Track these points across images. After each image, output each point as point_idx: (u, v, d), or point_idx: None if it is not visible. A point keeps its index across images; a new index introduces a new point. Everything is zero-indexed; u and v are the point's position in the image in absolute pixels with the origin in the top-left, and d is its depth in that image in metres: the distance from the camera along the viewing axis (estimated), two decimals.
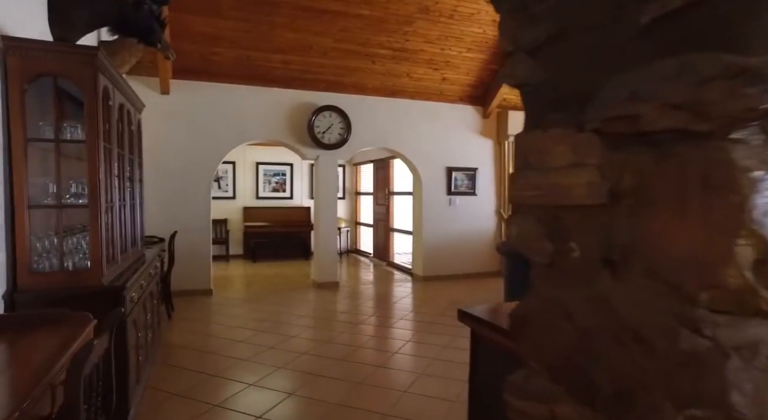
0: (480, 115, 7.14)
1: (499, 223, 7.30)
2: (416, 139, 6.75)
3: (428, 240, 6.87)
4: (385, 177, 8.52)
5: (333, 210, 6.36)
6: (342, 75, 6.09)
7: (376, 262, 8.63)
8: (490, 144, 7.24)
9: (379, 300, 5.76)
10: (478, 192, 7.15)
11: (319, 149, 6.16)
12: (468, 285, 6.54)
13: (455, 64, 6.31)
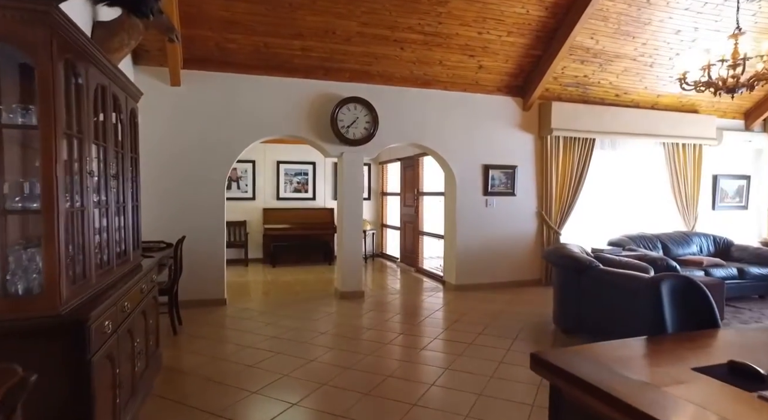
0: (520, 107, 6.45)
1: (541, 226, 6.60)
2: (450, 133, 6.13)
3: (462, 245, 6.24)
4: (413, 176, 7.91)
5: (358, 212, 5.79)
6: (368, 63, 5.52)
7: (404, 268, 8.03)
8: (531, 139, 6.55)
9: (408, 313, 5.16)
10: (517, 192, 6.47)
11: (343, 145, 5.60)
12: (507, 295, 5.87)
13: (493, 50, 5.66)
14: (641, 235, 6.28)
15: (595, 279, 4.01)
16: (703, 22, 6.05)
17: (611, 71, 6.37)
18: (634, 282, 3.82)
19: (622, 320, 3.91)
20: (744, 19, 6.12)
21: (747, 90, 4.05)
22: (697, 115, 7.28)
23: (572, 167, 6.56)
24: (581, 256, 4.19)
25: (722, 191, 7.90)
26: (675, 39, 6.16)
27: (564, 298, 4.32)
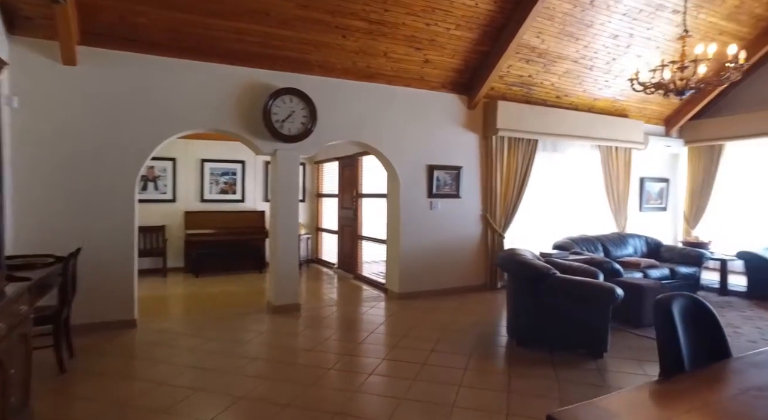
0: (465, 106, 6.21)
1: (486, 229, 6.40)
2: (393, 131, 5.73)
3: (406, 250, 5.87)
4: (352, 176, 7.44)
5: (294, 215, 5.22)
6: (306, 51, 4.97)
7: (342, 275, 7.53)
8: (476, 139, 6.33)
9: (350, 329, 4.67)
10: (462, 194, 6.22)
11: (276, 142, 5.00)
12: (454, 303, 5.59)
13: (440, 44, 5.34)
14: (583, 237, 6.29)
15: (553, 288, 3.78)
16: (637, 28, 6.16)
17: (554, 72, 6.32)
18: (594, 290, 3.63)
19: (581, 331, 3.71)
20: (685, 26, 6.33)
21: (695, 92, 4.03)
22: (628, 120, 7.49)
23: (516, 169, 6.43)
24: (539, 263, 3.96)
25: (647, 193, 8.24)
26: (612, 43, 6.23)
27: (519, 307, 4.07)
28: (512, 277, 4.24)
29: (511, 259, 4.23)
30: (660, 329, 1.64)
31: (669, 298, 1.70)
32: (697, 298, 1.78)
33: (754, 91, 7.44)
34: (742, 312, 5.29)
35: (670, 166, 8.55)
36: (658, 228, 8.36)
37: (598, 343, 3.65)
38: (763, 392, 1.38)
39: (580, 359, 3.65)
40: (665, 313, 1.62)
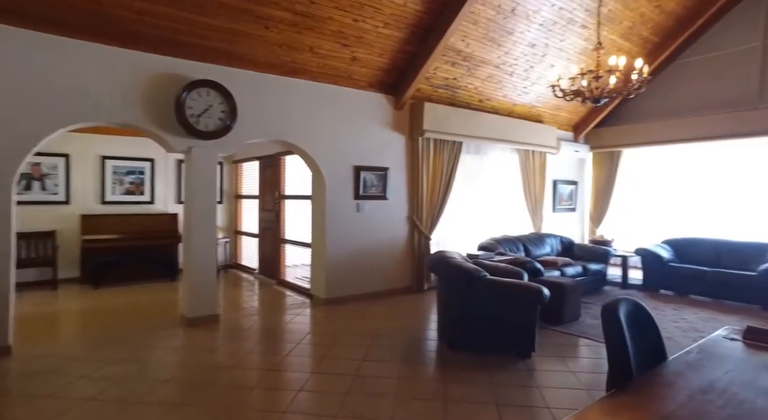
0: (392, 106, 6.13)
1: (412, 231, 6.38)
2: (319, 130, 5.49)
3: (332, 253, 5.65)
4: (274, 177, 7.06)
5: (211, 218, 4.78)
6: (226, 41, 4.57)
7: (263, 281, 7.12)
8: (402, 140, 6.29)
9: (274, 341, 4.35)
10: (389, 195, 6.13)
11: (191, 138, 4.55)
12: (381, 308, 5.48)
13: (368, 41, 5.20)
14: (505, 237, 6.49)
15: (483, 290, 3.79)
16: (552, 39, 6.49)
17: (477, 76, 6.46)
18: (523, 292, 3.69)
19: (510, 332, 3.75)
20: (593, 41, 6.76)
21: (608, 100, 4.27)
22: (543, 125, 7.90)
23: (442, 170, 6.48)
24: (469, 266, 3.95)
25: (560, 195, 8.77)
26: (530, 52, 6.50)
27: (449, 310, 4.04)
28: (443, 279, 4.20)
29: (441, 261, 4.19)
30: (610, 338, 1.62)
31: (615, 304, 1.68)
32: (638, 302, 1.79)
33: (645, 104, 8.20)
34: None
35: (577, 170, 9.18)
36: (569, 227, 8.95)
37: (526, 343, 3.72)
38: (707, 396, 1.39)
39: (510, 360, 3.69)
40: (615, 321, 1.59)
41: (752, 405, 1.32)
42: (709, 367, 1.63)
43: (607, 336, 1.64)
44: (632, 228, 8.74)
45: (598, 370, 3.52)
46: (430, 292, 6.34)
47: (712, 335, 2.02)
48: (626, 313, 1.68)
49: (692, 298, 6.12)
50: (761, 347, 1.88)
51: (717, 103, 7.42)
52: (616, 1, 6.32)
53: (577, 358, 3.81)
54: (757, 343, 1.92)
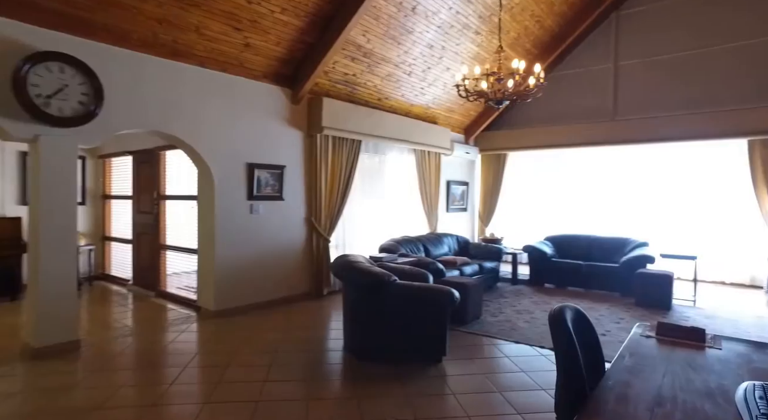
0: (289, 100, 5.71)
1: (310, 233, 6.02)
2: (207, 123, 4.88)
3: (223, 260, 5.07)
4: (152, 175, 6.17)
5: (69, 223, 3.92)
6: (88, 7, 3.77)
7: (139, 293, 6.19)
8: (300, 137, 5.90)
9: (155, 367, 3.68)
10: (285, 196, 5.71)
11: (39, 124, 3.67)
12: (279, 317, 5.05)
13: (264, 27, 4.74)
14: (406, 238, 6.45)
15: (393, 295, 3.62)
16: (449, 42, 6.62)
17: (377, 74, 6.32)
18: (434, 295, 3.58)
19: (421, 338, 3.63)
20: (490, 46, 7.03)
21: (509, 103, 4.39)
22: (438, 127, 8.08)
23: (341, 169, 6.23)
24: (378, 270, 3.75)
25: (452, 195, 9.07)
26: (428, 52, 6.55)
27: (357, 319, 3.80)
28: (349, 285, 3.95)
29: (347, 266, 3.93)
30: (562, 348, 1.50)
31: (562, 312, 1.57)
32: (578, 309, 1.71)
33: (527, 111, 8.85)
34: (530, 298, 6.11)
35: (468, 171, 9.59)
36: (461, 227, 9.31)
37: (437, 348, 3.63)
38: (663, 408, 1.33)
39: (422, 367, 3.57)
40: (565, 330, 1.48)
41: (704, 412, 1.28)
42: (647, 371, 1.60)
43: (558, 346, 1.53)
44: (519, 226, 9.38)
45: (509, 369, 3.56)
46: (330, 297, 6.04)
47: (631, 335, 2.05)
48: (572, 321, 1.58)
49: (570, 289, 6.69)
50: (673, 343, 1.94)
51: (584, 114, 8.25)
52: (505, 12, 6.64)
53: (486, 358, 3.83)
54: (668, 339, 1.99)
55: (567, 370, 1.48)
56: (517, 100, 4.46)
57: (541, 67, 4.42)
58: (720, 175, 7.38)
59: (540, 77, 4.26)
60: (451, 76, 7.37)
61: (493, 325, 4.74)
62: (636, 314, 5.25)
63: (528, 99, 4.45)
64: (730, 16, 6.92)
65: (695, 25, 7.19)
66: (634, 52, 7.75)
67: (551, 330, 1.55)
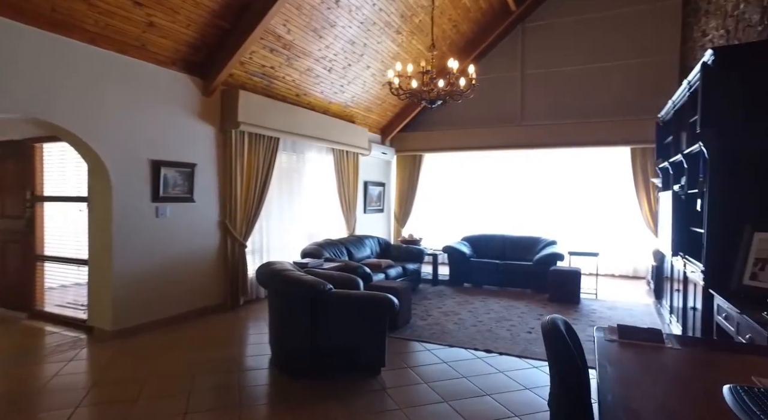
0: (200, 92, 5.13)
1: (224, 238, 5.48)
2: (102, 112, 4.17)
3: (123, 270, 4.38)
4: (24, 171, 5.16)
5: None
6: None
7: (6, 316, 5.15)
8: (212, 132, 5.33)
9: (28, 412, 2.99)
10: (196, 197, 5.12)
11: None
12: (192, 333, 4.50)
13: (172, 6, 4.16)
14: (328, 241, 6.17)
15: (329, 305, 3.35)
16: (370, 40, 6.47)
17: (296, 68, 5.96)
18: (373, 304, 3.38)
19: (359, 349, 3.41)
20: (416, 47, 6.97)
21: (441, 103, 4.34)
22: (357, 126, 7.90)
23: (258, 169, 5.76)
24: (311, 279, 3.44)
25: (370, 196, 8.95)
26: (350, 49, 6.34)
27: (289, 333, 3.47)
28: (279, 296, 3.60)
29: (275, 275, 3.57)
30: (561, 362, 1.38)
31: (555, 325, 1.46)
32: (565, 320, 1.62)
33: (441, 114, 9.00)
34: (453, 298, 6.19)
35: (385, 172, 9.55)
36: (378, 228, 9.23)
37: (376, 359, 3.43)
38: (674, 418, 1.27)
39: (362, 380, 3.35)
40: (564, 344, 1.36)
41: None
42: (641, 381, 1.56)
43: (556, 357, 1.41)
44: (435, 227, 9.55)
45: (450, 376, 3.48)
46: (248, 306, 5.56)
47: (596, 340, 2.04)
48: (565, 331, 1.48)
49: (486, 288, 6.90)
50: (636, 345, 1.95)
51: (495, 118, 8.62)
52: (426, 14, 6.66)
53: (424, 366, 3.71)
54: (631, 341, 2.00)
55: (565, 381, 1.38)
56: (449, 101, 4.44)
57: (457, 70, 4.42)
58: (611, 180, 8.16)
59: (472, 78, 4.27)
60: (371, 75, 7.23)
61: (424, 329, 4.67)
62: (552, 309, 5.55)
63: (459, 99, 4.44)
64: (611, 38, 7.68)
65: (585, 44, 7.87)
66: (539, 63, 8.27)
67: (547, 340, 1.44)
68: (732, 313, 2.70)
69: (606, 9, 7.72)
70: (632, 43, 7.59)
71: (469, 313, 5.37)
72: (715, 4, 5.61)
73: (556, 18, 8.05)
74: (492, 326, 4.80)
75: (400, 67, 4.38)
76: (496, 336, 4.45)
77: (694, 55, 6.55)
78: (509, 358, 3.86)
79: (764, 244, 2.94)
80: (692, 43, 6.76)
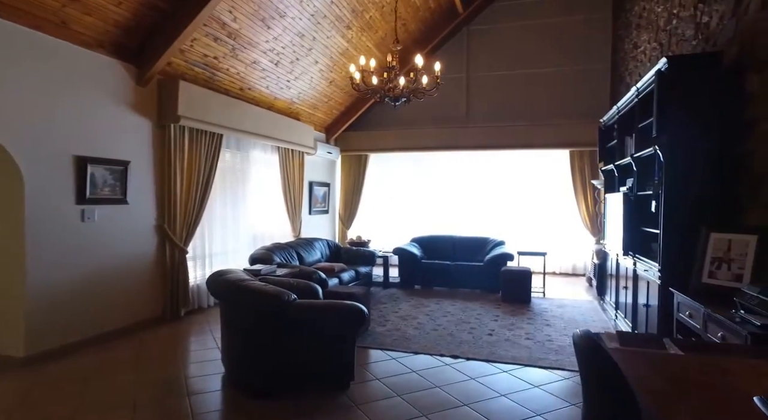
0: (133, 80, 4.58)
1: (162, 243, 4.96)
2: (9, 98, 3.55)
3: (41, 284, 3.78)
4: None
5: None
6: None
7: None
8: (148, 126, 4.79)
9: None
10: (130, 198, 4.57)
11: None
12: (129, 352, 3.98)
13: None
14: (277, 245, 5.81)
15: (294, 318, 3.06)
16: (320, 34, 6.20)
17: (242, 60, 5.54)
18: (343, 314, 3.15)
19: (326, 363, 3.16)
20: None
21: (406, 101, 4.18)
22: (303, 124, 7.56)
23: (200, 167, 5.28)
24: (273, 289, 3.13)
25: (315, 197, 8.63)
26: (299, 42, 6.03)
27: (248, 349, 3.14)
28: (235, 308, 3.25)
29: (231, 285, 3.22)
30: (607, 381, 1.25)
31: (596, 345, 1.33)
32: (595, 333, 1.50)
33: (386, 114, 8.92)
34: (408, 302, 6.07)
35: (329, 172, 9.26)
36: (323, 229, 8.93)
37: (344, 373, 3.20)
38: None
39: (330, 396, 3.09)
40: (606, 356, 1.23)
41: None
42: (670, 393, 1.47)
43: (605, 384, 1.28)
44: (381, 228, 9.40)
45: (422, 386, 3.32)
46: (190, 318, 5.07)
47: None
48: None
49: (437, 290, 6.85)
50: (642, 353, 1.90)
51: (441, 119, 8.64)
52: (376, 10, 6.50)
53: (393, 376, 3.53)
54: (632, 348, 1.95)
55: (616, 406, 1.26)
56: (412, 98, 4.29)
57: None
58: (553, 181, 8.48)
59: (438, 76, 4.15)
60: (318, 71, 6.94)
61: (385, 336, 4.48)
62: (506, 310, 5.60)
63: (422, 98, 4.31)
64: (549, 45, 8.00)
65: (526, 49, 8.12)
66: (483, 66, 8.41)
67: (586, 360, 1.31)
68: (699, 311, 2.79)
69: (544, 17, 8.02)
70: (568, 51, 7.94)
71: (426, 316, 5.27)
72: (647, 19, 5.95)
73: (499, 23, 8.23)
74: (452, 330, 4.72)
75: (363, 61, 4.16)
76: (459, 340, 4.37)
77: (626, 65, 6.96)
78: (477, 364, 3.78)
79: (720, 244, 3.08)
80: (623, 54, 7.18)
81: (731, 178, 3.32)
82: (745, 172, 3.21)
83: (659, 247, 3.60)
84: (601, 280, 6.27)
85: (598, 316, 5.39)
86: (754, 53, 3.17)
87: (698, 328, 2.80)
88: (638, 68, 6.32)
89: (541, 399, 3.09)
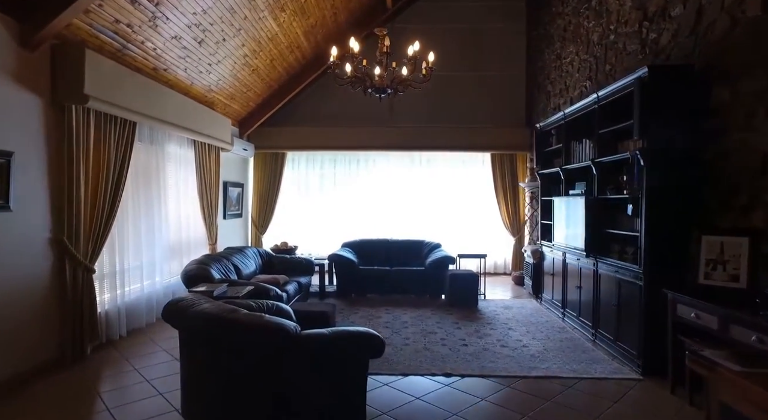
0: (14, 40, 3.38)
1: (61, 261, 3.78)
2: None
3: None
4: None
5: None
6: None
7: None
8: (39, 105, 3.60)
9: None
10: (14, 202, 3.37)
11: None
12: (14, 417, 2.88)
13: None
14: (210, 257, 4.86)
15: (297, 356, 2.42)
16: (253, 12, 5.41)
17: (162, 33, 4.53)
18: (353, 343, 2.60)
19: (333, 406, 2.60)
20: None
21: (393, 93, 3.72)
22: (220, 116, 6.59)
23: (109, 163, 4.16)
24: (271, 321, 2.44)
25: (229, 199, 7.62)
26: (228, 19, 5.18)
27: (231, 399, 2.41)
28: (218, 352, 2.48)
29: (213, 320, 2.44)
30: None
31: None
32: None
33: (306, 109, 8.30)
34: (355, 312, 5.58)
35: (243, 171, 8.29)
36: (237, 235, 7.95)
37: (357, 415, 2.64)
38: None
39: None
40: None
41: None
42: None
43: None
44: (305, 232, 8.68)
45: (437, 416, 2.90)
46: (99, 355, 3.97)
47: None
48: None
49: (376, 297, 6.41)
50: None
51: (363, 117, 8.24)
52: None
53: (398, 407, 3.04)
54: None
55: None
56: (400, 90, 3.85)
57: (317, 66, 3.92)
58: (477, 183, 8.64)
59: (431, 67, 3.76)
60: (243, 56, 6.09)
61: None
62: (460, 315, 5.42)
63: (402, 92, 3.89)
64: (467, 51, 8.17)
65: (449, 52, 8.12)
66: None
67: None
68: (714, 312, 2.83)
69: (465, 22, 8.16)
70: (488, 57, 8.19)
71: (387, 329, 4.85)
72: (574, 32, 6.29)
73: (424, 24, 8.11)
74: (424, 343, 4.38)
75: (357, 46, 3.60)
76: (439, 355, 4.05)
77: (547, 75, 7.35)
78: (474, 380, 3.49)
79: (712, 246, 3.22)
80: (542, 64, 7.58)
81: (707, 182, 3.51)
82: (719, 177, 3.41)
83: (640, 249, 3.68)
84: (537, 279, 6.47)
85: (545, 316, 5.50)
86: (724, 68, 3.38)
87: (713, 329, 2.86)
88: (564, 78, 6.67)
89: (564, 414, 2.91)
